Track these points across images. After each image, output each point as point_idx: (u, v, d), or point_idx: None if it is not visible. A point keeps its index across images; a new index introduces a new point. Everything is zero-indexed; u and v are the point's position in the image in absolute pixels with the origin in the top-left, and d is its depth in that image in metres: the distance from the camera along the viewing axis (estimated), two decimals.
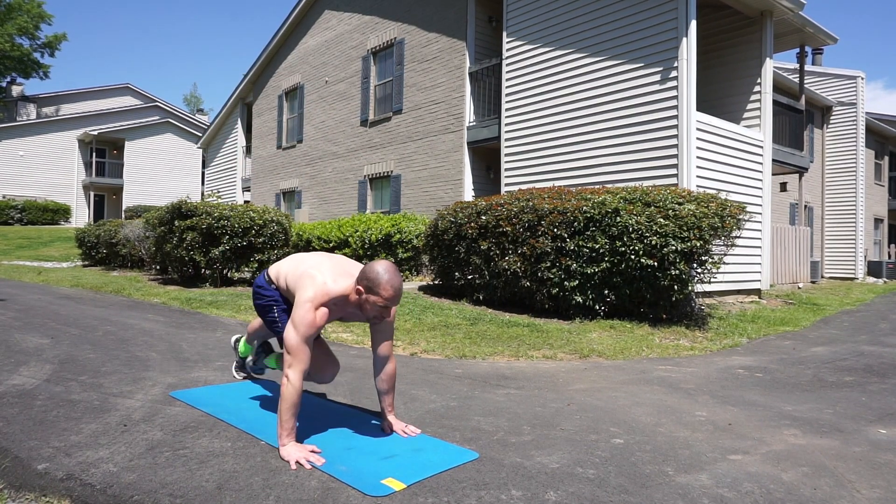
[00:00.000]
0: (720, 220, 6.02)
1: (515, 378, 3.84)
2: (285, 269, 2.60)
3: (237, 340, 3.39)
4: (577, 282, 6.29)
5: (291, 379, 2.25)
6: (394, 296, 2.28)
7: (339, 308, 2.41)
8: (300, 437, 2.38)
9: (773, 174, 10.85)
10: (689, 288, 6.22)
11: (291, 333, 2.30)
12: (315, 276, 2.37)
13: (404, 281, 9.83)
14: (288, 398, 2.24)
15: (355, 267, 2.49)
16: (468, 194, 10.90)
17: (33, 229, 24.40)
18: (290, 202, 16.27)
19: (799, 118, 11.53)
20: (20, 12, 33.40)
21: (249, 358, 3.30)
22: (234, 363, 3.42)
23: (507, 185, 10.07)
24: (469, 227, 7.31)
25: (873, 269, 18.55)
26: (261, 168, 17.64)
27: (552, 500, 1.96)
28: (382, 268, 2.28)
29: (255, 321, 3.08)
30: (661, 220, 5.99)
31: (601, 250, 6.17)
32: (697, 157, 7.99)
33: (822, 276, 16.94)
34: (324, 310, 2.33)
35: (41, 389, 3.05)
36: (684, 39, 7.83)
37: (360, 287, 2.31)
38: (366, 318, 2.42)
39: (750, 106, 9.84)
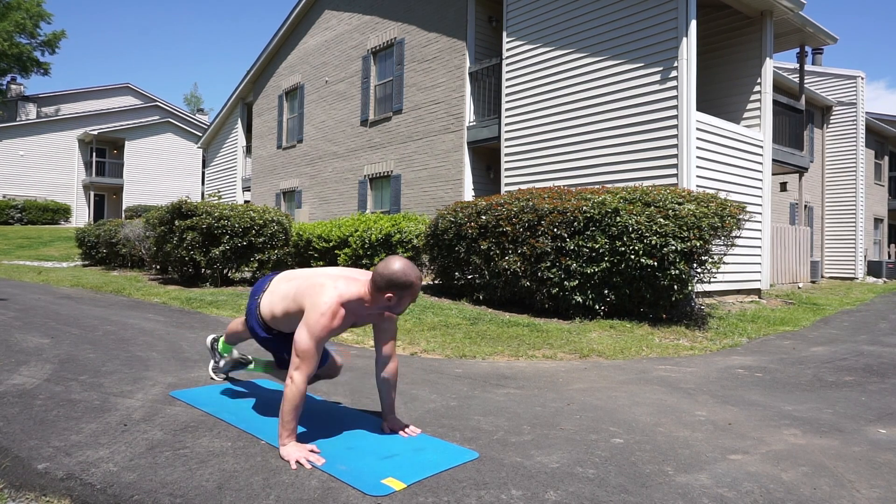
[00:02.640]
0: (720, 220, 6.02)
1: (515, 378, 3.84)
2: (280, 295, 2.53)
3: (214, 340, 3.34)
4: (577, 282, 6.29)
5: (296, 381, 2.24)
6: (420, 283, 2.32)
7: (354, 313, 2.38)
8: (300, 437, 2.38)
9: (773, 174, 10.85)
10: (689, 288, 6.22)
11: (305, 337, 2.27)
12: (325, 283, 2.35)
13: None
14: (291, 399, 2.23)
15: (358, 273, 2.48)
16: (468, 194, 10.90)
17: (33, 229, 24.40)
18: (290, 202, 16.27)
19: (799, 118, 11.53)
20: (18, 10, 33.29)
21: (222, 359, 3.26)
22: (212, 364, 3.39)
23: (507, 184, 10.07)
24: (469, 226, 7.31)
25: (873, 268, 18.55)
26: (261, 168, 17.63)
27: (552, 500, 1.96)
28: (400, 269, 2.28)
29: (236, 322, 3.05)
30: (661, 219, 5.99)
31: (601, 250, 6.17)
32: (697, 157, 7.99)
33: (822, 276, 16.94)
34: (341, 312, 2.31)
35: (41, 389, 3.05)
36: (684, 39, 7.83)
37: (390, 294, 2.29)
38: (394, 312, 2.41)
39: (750, 106, 9.84)
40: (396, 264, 2.28)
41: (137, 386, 3.17)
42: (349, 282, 2.37)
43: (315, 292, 2.34)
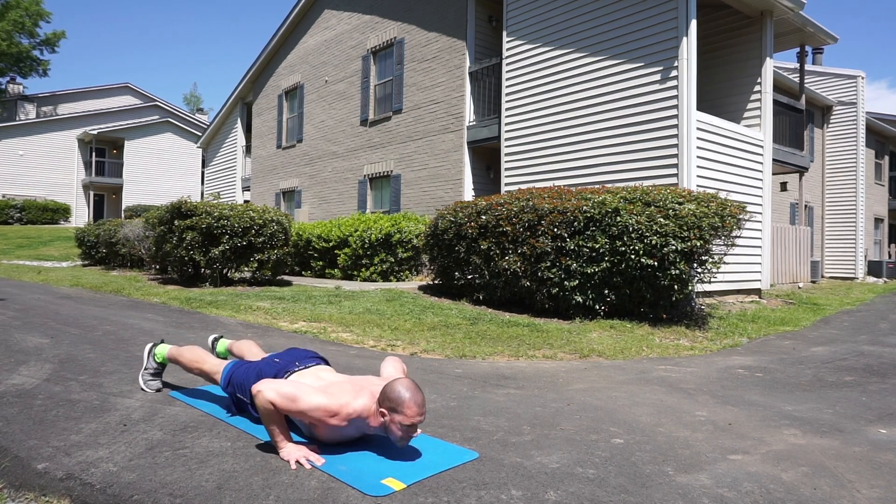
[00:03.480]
0: (720, 220, 6.02)
1: (515, 378, 3.84)
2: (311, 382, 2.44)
3: (215, 340, 3.33)
4: (577, 281, 6.29)
5: (266, 395, 2.18)
6: (419, 413, 2.17)
7: (356, 428, 2.31)
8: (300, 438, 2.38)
9: (773, 174, 10.84)
10: (690, 288, 6.22)
11: (300, 393, 2.20)
12: (349, 390, 2.30)
13: (404, 280, 9.83)
14: (265, 412, 2.19)
15: (375, 385, 2.36)
16: (468, 194, 10.90)
17: (33, 229, 24.39)
18: (289, 202, 16.27)
19: (799, 118, 11.52)
20: (17, 9, 33.22)
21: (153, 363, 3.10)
22: (144, 370, 3.11)
23: (507, 184, 10.06)
24: (469, 226, 7.30)
25: (873, 268, 18.56)
26: (260, 168, 17.63)
27: (552, 500, 1.96)
28: (403, 386, 2.19)
29: (249, 345, 3.02)
30: (662, 219, 5.99)
31: (601, 250, 6.17)
32: (697, 157, 7.99)
33: (823, 276, 16.94)
34: (332, 422, 2.23)
35: (41, 389, 3.05)
36: (684, 39, 7.83)
37: (382, 409, 2.21)
38: (389, 437, 2.27)
39: (750, 105, 9.84)
40: (401, 382, 2.22)
41: (137, 386, 3.17)
42: (359, 393, 2.30)
43: (341, 387, 2.32)
